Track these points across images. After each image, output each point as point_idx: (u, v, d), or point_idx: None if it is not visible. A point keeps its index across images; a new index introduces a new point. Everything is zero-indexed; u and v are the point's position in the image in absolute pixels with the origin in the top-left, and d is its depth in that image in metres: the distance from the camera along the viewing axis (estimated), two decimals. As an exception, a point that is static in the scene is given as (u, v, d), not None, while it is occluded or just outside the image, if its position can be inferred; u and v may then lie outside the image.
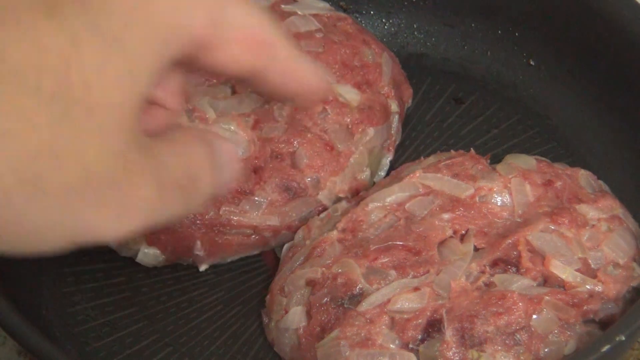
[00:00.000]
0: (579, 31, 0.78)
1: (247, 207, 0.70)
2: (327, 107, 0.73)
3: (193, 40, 0.44)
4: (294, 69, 0.49)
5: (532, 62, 0.82)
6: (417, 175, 0.70)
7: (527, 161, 0.71)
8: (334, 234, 0.68)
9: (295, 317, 0.65)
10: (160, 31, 0.42)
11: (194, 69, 0.48)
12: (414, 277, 0.64)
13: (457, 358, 0.61)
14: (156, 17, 0.41)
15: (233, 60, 0.46)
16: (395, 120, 0.77)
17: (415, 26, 0.86)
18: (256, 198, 0.70)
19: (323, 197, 0.72)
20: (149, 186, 0.41)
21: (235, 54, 0.46)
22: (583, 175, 0.71)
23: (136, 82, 0.40)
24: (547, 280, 0.64)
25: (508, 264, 0.64)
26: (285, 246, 0.71)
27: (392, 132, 0.77)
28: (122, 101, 0.40)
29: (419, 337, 0.62)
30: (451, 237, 0.66)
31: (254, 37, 0.47)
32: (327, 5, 0.82)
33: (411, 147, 0.79)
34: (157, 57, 0.42)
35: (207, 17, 0.44)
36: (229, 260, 0.73)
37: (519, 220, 0.67)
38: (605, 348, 0.56)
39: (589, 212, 0.67)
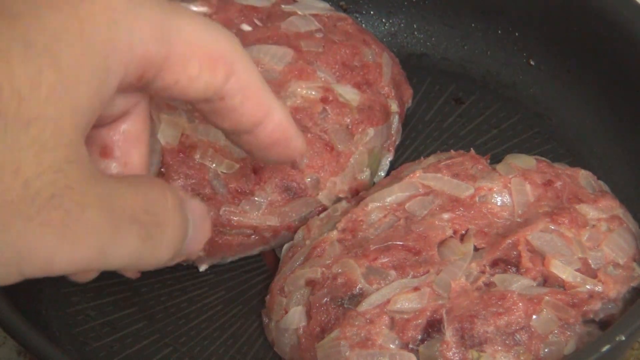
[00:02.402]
0: (579, 31, 0.78)
1: (247, 207, 0.70)
2: (327, 107, 0.73)
3: (140, 58, 0.42)
4: (254, 91, 0.48)
5: (532, 62, 0.82)
6: (417, 175, 0.70)
7: (527, 161, 0.71)
8: (334, 234, 0.68)
9: (295, 317, 0.65)
10: (96, 46, 0.40)
11: (151, 94, 0.46)
12: (414, 277, 0.64)
13: (457, 358, 0.61)
14: (91, 31, 0.40)
15: (190, 81, 0.45)
16: (395, 120, 0.77)
17: (415, 26, 0.86)
18: (256, 198, 0.70)
19: (323, 197, 0.72)
20: (97, 211, 0.39)
21: (192, 74, 0.45)
22: (583, 175, 0.71)
23: (72, 97, 0.39)
24: (547, 280, 0.64)
25: (508, 264, 0.64)
26: (285, 246, 0.71)
27: (392, 132, 0.77)
28: (57, 116, 0.38)
29: (419, 337, 0.62)
30: (451, 237, 0.66)
31: (210, 53, 0.45)
32: (327, 5, 0.82)
33: (411, 147, 0.79)
34: (96, 72, 0.40)
35: (154, 32, 0.43)
36: (229, 260, 0.73)
37: (519, 220, 0.67)
38: (605, 348, 0.56)
39: (589, 212, 0.67)
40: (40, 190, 0.37)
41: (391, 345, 0.61)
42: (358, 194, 0.73)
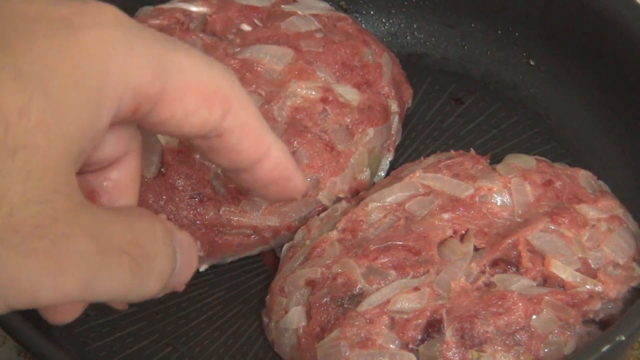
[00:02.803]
0: (579, 31, 0.78)
1: (247, 207, 0.70)
2: (327, 107, 0.73)
3: (134, 91, 0.42)
4: (252, 128, 0.47)
5: (532, 62, 0.82)
6: (417, 175, 0.70)
7: (527, 161, 0.71)
8: (334, 234, 0.68)
9: (295, 317, 0.65)
10: (89, 77, 0.40)
11: (147, 128, 0.46)
12: (414, 277, 0.64)
13: (457, 358, 0.61)
14: (85, 62, 0.40)
15: (186, 117, 0.44)
16: (395, 121, 0.77)
17: (415, 26, 0.86)
18: (256, 198, 0.70)
19: (323, 197, 0.72)
20: (85, 242, 0.38)
21: (188, 109, 0.44)
22: (583, 175, 0.71)
23: (62, 126, 0.39)
24: (547, 280, 0.64)
25: (508, 264, 0.64)
26: (285, 246, 0.71)
27: (392, 132, 0.77)
28: (46, 144, 0.38)
29: (419, 337, 0.62)
30: (451, 237, 0.66)
31: (207, 89, 0.45)
32: (327, 5, 0.82)
33: (411, 147, 0.79)
34: (88, 103, 0.40)
35: (150, 66, 0.42)
36: (229, 260, 0.73)
37: (519, 220, 0.67)
38: (605, 348, 0.56)
39: (589, 212, 0.67)
40: (26, 220, 0.37)
41: (391, 345, 0.61)
42: (358, 194, 0.73)
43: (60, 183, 0.38)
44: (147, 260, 0.41)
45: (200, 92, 0.45)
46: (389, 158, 0.77)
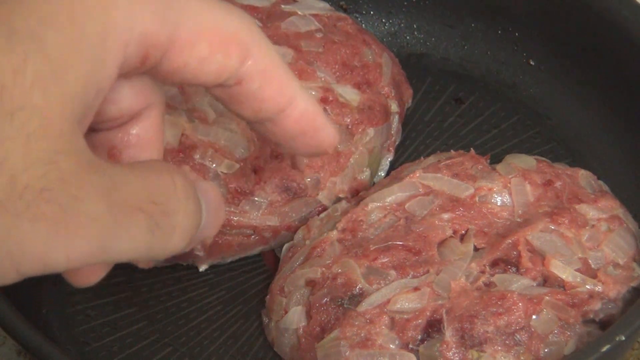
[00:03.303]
0: (579, 31, 0.78)
1: (247, 207, 0.70)
2: (327, 107, 0.73)
3: (140, 38, 0.40)
4: (275, 75, 0.45)
5: (532, 62, 0.82)
6: (417, 175, 0.70)
7: (527, 161, 0.71)
8: (334, 234, 0.68)
9: (295, 317, 0.65)
10: (90, 29, 0.38)
11: (161, 80, 0.44)
12: (414, 277, 0.64)
13: (457, 358, 0.61)
14: (83, 14, 0.38)
15: (201, 64, 0.43)
16: (395, 121, 0.77)
17: (415, 26, 0.86)
18: (256, 198, 0.70)
19: (323, 197, 0.72)
20: (96, 202, 0.37)
21: (202, 56, 0.43)
22: (583, 175, 0.71)
23: (62, 84, 0.37)
24: (547, 280, 0.64)
25: (508, 264, 0.64)
26: (285, 246, 0.71)
27: (392, 132, 0.77)
28: (45, 104, 0.36)
29: (419, 337, 0.62)
30: (451, 237, 0.66)
31: (221, 34, 0.43)
32: (327, 5, 0.82)
33: (411, 147, 0.79)
34: (89, 57, 0.38)
35: (156, 11, 0.40)
36: (229, 260, 0.73)
37: (519, 220, 0.67)
38: (605, 348, 0.56)
39: (589, 212, 0.67)
40: (29, 184, 0.35)
41: (391, 345, 0.61)
42: (358, 194, 0.73)
43: (65, 143, 0.37)
44: (167, 217, 0.40)
45: (214, 37, 0.42)
46: (389, 158, 0.77)
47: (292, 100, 0.47)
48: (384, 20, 0.86)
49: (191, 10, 0.42)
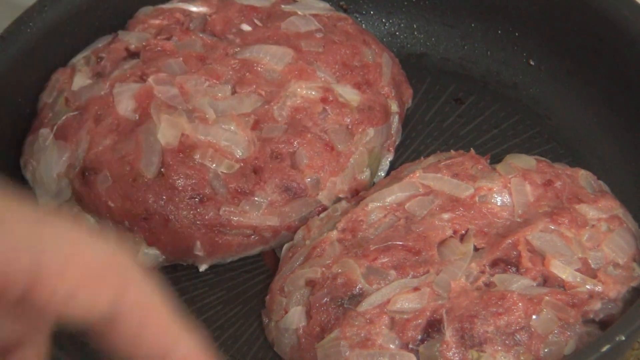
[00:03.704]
0: (579, 31, 0.78)
1: (247, 207, 0.70)
2: (327, 107, 0.73)
3: None
4: (154, 317, 0.41)
5: (532, 62, 0.82)
6: (417, 175, 0.70)
7: (527, 161, 0.71)
8: (334, 234, 0.68)
9: (295, 317, 0.65)
10: None
11: (34, 317, 0.41)
12: (414, 277, 0.64)
13: (457, 358, 0.61)
14: None
15: (69, 299, 0.39)
16: (395, 121, 0.77)
17: (415, 26, 0.86)
18: (256, 198, 0.70)
19: (323, 197, 0.72)
20: None
21: (68, 290, 0.39)
22: (583, 175, 0.71)
23: None
24: (547, 280, 0.64)
25: (508, 264, 0.64)
26: (285, 246, 0.71)
27: (392, 132, 0.77)
28: None
29: (419, 337, 0.62)
30: (451, 237, 0.66)
31: (90, 268, 0.39)
32: (327, 5, 0.82)
33: (411, 147, 0.79)
34: None
35: (16, 242, 0.38)
36: (229, 260, 0.73)
37: (519, 220, 0.67)
38: (605, 348, 0.56)
39: (589, 212, 0.67)
40: None
41: (391, 346, 0.61)
42: (358, 194, 0.73)
43: None
44: None
45: (81, 271, 0.39)
46: (389, 158, 0.77)
47: (174, 345, 0.42)
48: (384, 20, 0.86)
49: (56, 241, 0.39)
